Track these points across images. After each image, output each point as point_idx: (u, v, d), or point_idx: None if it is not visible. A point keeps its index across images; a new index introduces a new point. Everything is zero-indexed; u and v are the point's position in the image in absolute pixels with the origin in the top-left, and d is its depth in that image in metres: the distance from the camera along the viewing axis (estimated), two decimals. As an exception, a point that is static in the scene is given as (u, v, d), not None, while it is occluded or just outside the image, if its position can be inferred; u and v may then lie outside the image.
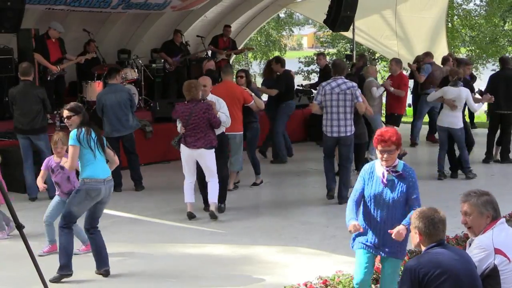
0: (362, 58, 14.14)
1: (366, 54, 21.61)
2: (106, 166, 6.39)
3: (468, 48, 29.13)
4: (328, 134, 8.99)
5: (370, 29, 17.33)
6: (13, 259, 6.73)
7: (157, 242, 7.57)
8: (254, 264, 6.83)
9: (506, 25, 31.11)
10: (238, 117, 9.36)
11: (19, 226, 5.11)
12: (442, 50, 17.16)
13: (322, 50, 30.94)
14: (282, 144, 12.23)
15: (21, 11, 9.93)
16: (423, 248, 4.19)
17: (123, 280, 6.38)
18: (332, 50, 32.56)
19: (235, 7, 17.06)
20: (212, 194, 8.42)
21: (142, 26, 15.77)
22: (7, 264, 6.78)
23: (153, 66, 15.06)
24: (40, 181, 7.21)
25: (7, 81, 11.65)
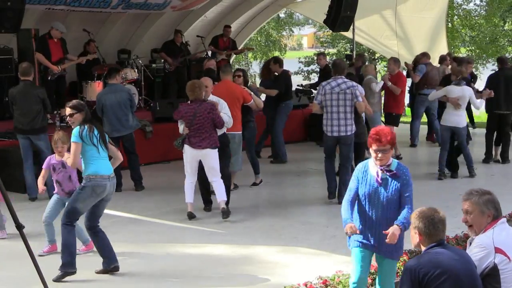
0: (360, 57, 14.14)
1: (366, 54, 21.60)
2: (109, 163, 6.38)
3: (468, 48, 29.12)
4: (328, 134, 8.99)
5: (370, 29, 17.33)
6: (13, 259, 6.72)
7: (157, 242, 7.56)
8: (254, 264, 6.83)
9: (506, 25, 31.11)
10: (237, 116, 9.36)
11: (19, 226, 5.10)
12: (442, 50, 17.15)
13: (322, 50, 30.94)
14: (283, 144, 12.23)
15: (21, 11, 9.93)
16: (423, 248, 4.19)
17: (123, 280, 6.37)
18: (332, 50, 32.56)
19: (235, 7, 17.06)
20: (220, 193, 8.38)
21: (142, 26, 15.77)
22: (7, 264, 6.78)
23: (153, 66, 15.08)
24: (40, 181, 7.20)
25: (7, 81, 11.66)
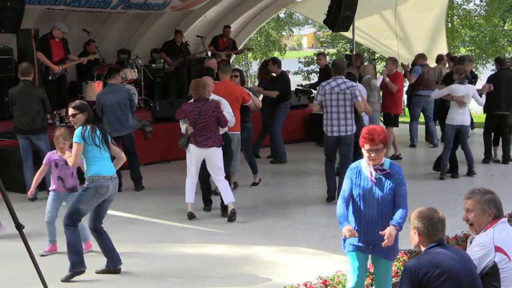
0: (359, 57, 14.11)
1: (365, 54, 21.54)
2: (112, 164, 6.38)
3: (468, 48, 29.13)
4: (328, 134, 9.00)
5: (370, 29, 17.34)
6: (13, 259, 6.72)
7: (157, 242, 7.56)
8: (254, 264, 6.83)
9: (506, 25, 31.12)
10: (237, 117, 9.36)
11: (19, 226, 5.10)
12: (442, 50, 17.17)
13: (322, 50, 30.96)
14: (282, 143, 12.24)
15: (21, 11, 9.93)
16: (423, 248, 4.19)
17: (123, 280, 6.37)
18: (332, 50, 32.57)
19: (235, 7, 17.07)
20: (227, 195, 8.35)
21: (142, 26, 15.78)
22: (7, 264, 6.78)
23: (153, 66, 15.09)
24: (36, 178, 7.17)
25: (7, 81, 11.67)
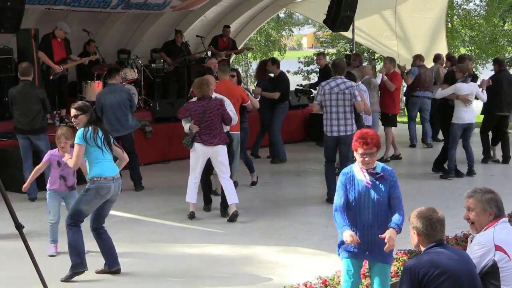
0: (357, 57, 14.08)
1: (365, 54, 21.51)
2: (114, 164, 6.37)
3: (468, 48, 29.12)
4: (328, 134, 9.00)
5: (370, 29, 17.33)
6: (13, 259, 6.71)
7: (157, 242, 7.56)
8: (254, 264, 6.83)
9: (505, 25, 31.10)
10: (237, 117, 9.35)
11: (19, 226, 5.10)
12: (442, 50, 17.16)
13: (322, 50, 30.95)
14: (281, 143, 12.23)
15: (21, 11, 9.93)
16: (423, 248, 4.19)
17: (123, 280, 6.37)
18: (332, 50, 32.57)
19: (235, 7, 17.07)
20: (232, 195, 8.34)
21: (142, 26, 15.78)
22: (7, 264, 6.78)
23: (153, 66, 15.09)
24: (34, 173, 7.16)
25: (7, 81, 11.67)
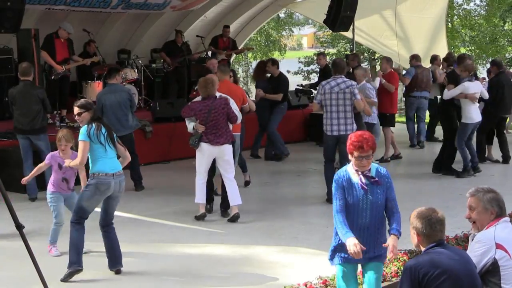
0: (356, 57, 14.02)
1: (366, 54, 21.49)
2: (116, 161, 6.38)
3: (468, 48, 29.16)
4: (328, 133, 9.00)
5: (370, 29, 17.33)
6: (13, 259, 6.72)
7: (157, 242, 7.56)
8: (254, 264, 6.83)
9: (506, 25, 31.13)
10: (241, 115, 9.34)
11: (19, 226, 5.10)
12: (442, 50, 17.17)
13: (322, 50, 30.96)
14: (280, 139, 12.20)
15: (21, 11, 9.92)
16: (423, 248, 4.19)
17: (123, 280, 6.37)
18: (332, 50, 32.61)
19: (235, 7, 17.07)
20: (234, 196, 8.32)
21: (142, 26, 15.78)
22: (7, 264, 6.78)
23: (153, 66, 15.10)
24: (35, 170, 7.19)
25: (7, 81, 11.67)
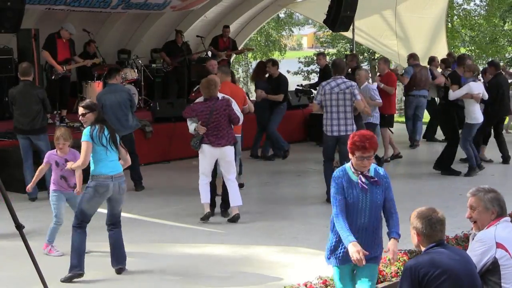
0: (354, 58, 14.01)
1: (366, 54, 21.48)
2: (117, 163, 6.38)
3: (468, 48, 29.16)
4: (328, 133, 9.00)
5: (370, 29, 17.34)
6: (13, 259, 6.72)
7: (157, 242, 7.56)
8: (254, 264, 6.83)
9: (506, 25, 31.13)
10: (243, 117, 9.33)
11: (19, 226, 5.09)
12: (442, 50, 17.18)
13: (322, 50, 30.96)
14: (280, 137, 12.20)
15: (21, 11, 9.93)
16: (423, 248, 4.19)
17: (123, 280, 6.37)
18: (332, 50, 32.60)
19: (235, 7, 17.07)
20: (235, 197, 8.30)
21: (142, 26, 15.78)
22: (7, 264, 6.78)
23: (153, 66, 15.10)
24: (37, 174, 7.21)
25: (7, 81, 11.68)
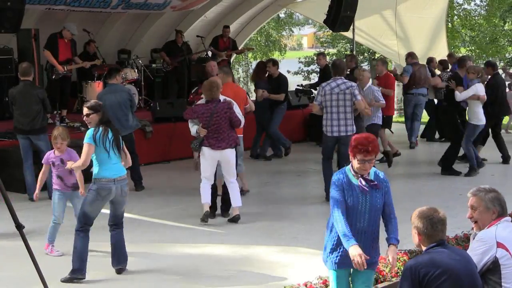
0: (353, 58, 13.99)
1: (366, 54, 21.48)
2: (119, 166, 6.38)
3: (468, 48, 29.13)
4: (328, 134, 9.00)
5: (370, 29, 17.33)
6: (13, 259, 6.72)
7: (157, 242, 7.56)
8: (254, 264, 6.83)
9: (506, 25, 31.11)
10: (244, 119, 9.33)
11: (19, 226, 5.09)
12: (442, 50, 17.19)
13: (322, 50, 30.94)
14: (280, 134, 12.20)
15: (21, 11, 9.92)
16: (423, 248, 4.19)
17: (123, 280, 6.37)
18: (332, 50, 32.57)
19: (235, 7, 17.07)
20: (235, 198, 8.30)
21: (142, 26, 15.78)
22: (7, 264, 6.78)
23: (153, 66, 15.11)
24: (41, 178, 7.20)
25: (7, 81, 11.68)
